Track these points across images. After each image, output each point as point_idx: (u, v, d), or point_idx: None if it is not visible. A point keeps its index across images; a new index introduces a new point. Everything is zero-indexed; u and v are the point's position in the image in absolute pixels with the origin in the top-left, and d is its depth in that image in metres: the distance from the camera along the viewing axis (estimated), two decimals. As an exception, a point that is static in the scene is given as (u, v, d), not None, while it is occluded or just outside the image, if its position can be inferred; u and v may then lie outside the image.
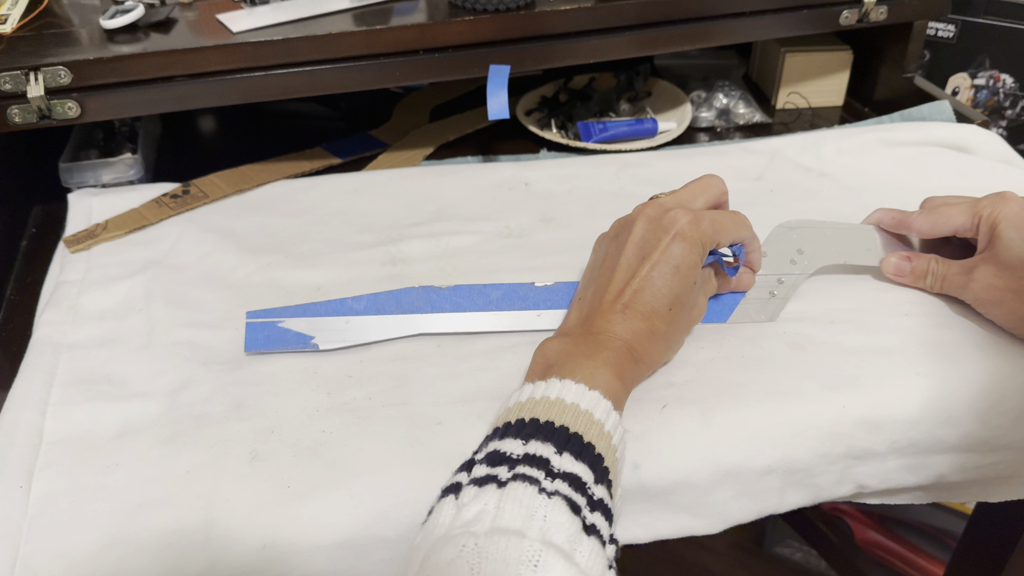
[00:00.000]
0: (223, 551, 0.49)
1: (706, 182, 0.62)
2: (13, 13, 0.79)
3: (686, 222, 0.57)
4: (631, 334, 0.55)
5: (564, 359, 0.53)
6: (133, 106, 0.76)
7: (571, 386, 0.50)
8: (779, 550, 1.53)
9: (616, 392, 0.52)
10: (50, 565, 0.49)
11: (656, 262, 0.56)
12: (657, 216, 0.58)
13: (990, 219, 0.62)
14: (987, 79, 1.16)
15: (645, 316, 0.55)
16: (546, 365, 0.54)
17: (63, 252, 0.74)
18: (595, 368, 0.52)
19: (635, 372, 0.55)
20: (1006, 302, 0.60)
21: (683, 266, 0.56)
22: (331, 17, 0.79)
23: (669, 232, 0.57)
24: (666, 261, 0.56)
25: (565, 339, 0.55)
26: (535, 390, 0.51)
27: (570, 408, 0.49)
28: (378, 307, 0.63)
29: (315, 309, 0.64)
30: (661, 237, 0.57)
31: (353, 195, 0.82)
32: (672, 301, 0.56)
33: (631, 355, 0.54)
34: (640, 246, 0.57)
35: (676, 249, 0.56)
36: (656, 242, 0.57)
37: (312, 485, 0.52)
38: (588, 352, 0.53)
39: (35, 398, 0.59)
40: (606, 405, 0.50)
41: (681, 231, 0.56)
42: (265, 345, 0.63)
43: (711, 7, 0.85)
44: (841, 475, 0.58)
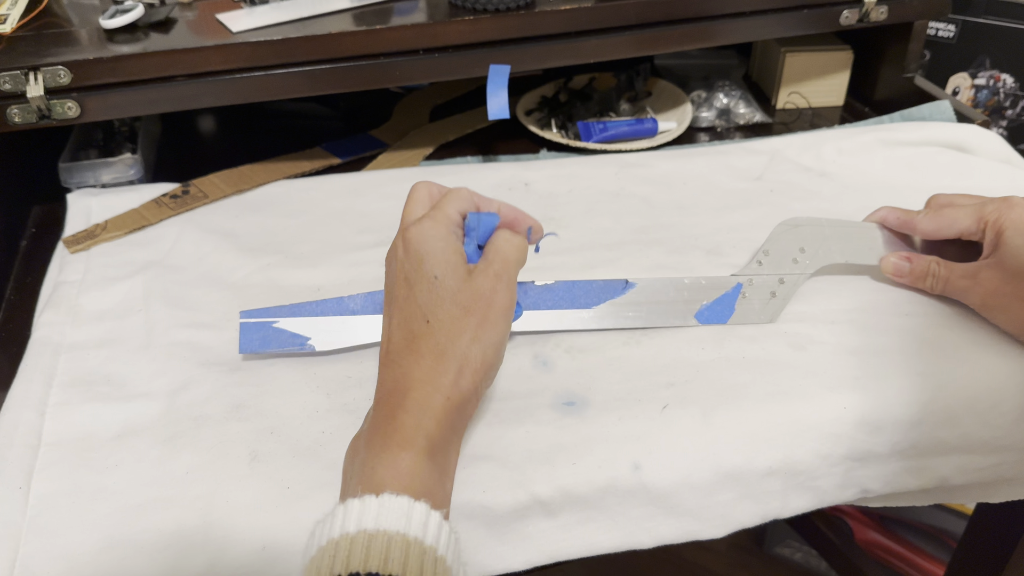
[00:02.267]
0: (222, 552, 0.49)
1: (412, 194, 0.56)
2: (13, 13, 0.79)
3: (400, 240, 0.53)
4: (402, 378, 0.49)
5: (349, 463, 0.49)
6: (133, 106, 0.76)
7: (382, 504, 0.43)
8: (779, 550, 1.53)
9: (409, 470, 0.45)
10: (49, 566, 0.49)
11: (392, 287, 0.52)
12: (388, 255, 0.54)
13: (996, 225, 0.61)
14: (987, 79, 1.16)
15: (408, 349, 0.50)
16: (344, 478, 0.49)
17: (62, 252, 0.74)
18: (375, 460, 0.46)
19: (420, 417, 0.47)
20: (1011, 308, 0.60)
21: (412, 270, 0.51)
22: (331, 17, 0.79)
23: (396, 259, 0.53)
24: (400, 280, 0.52)
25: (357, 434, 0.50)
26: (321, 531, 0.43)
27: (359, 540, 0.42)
28: (374, 306, 0.63)
29: (310, 309, 0.63)
30: (393, 266, 0.53)
31: (353, 195, 0.82)
32: (425, 312, 0.50)
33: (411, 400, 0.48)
34: (387, 290, 0.54)
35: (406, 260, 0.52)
36: (392, 274, 0.53)
37: (312, 486, 0.52)
38: (368, 438, 0.47)
39: (34, 399, 0.59)
40: (421, 511, 0.43)
41: (401, 248, 0.52)
42: (260, 347, 0.62)
43: (711, 7, 0.85)
44: (844, 477, 0.58)
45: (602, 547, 0.55)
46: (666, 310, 0.64)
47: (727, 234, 0.75)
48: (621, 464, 0.54)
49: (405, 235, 0.52)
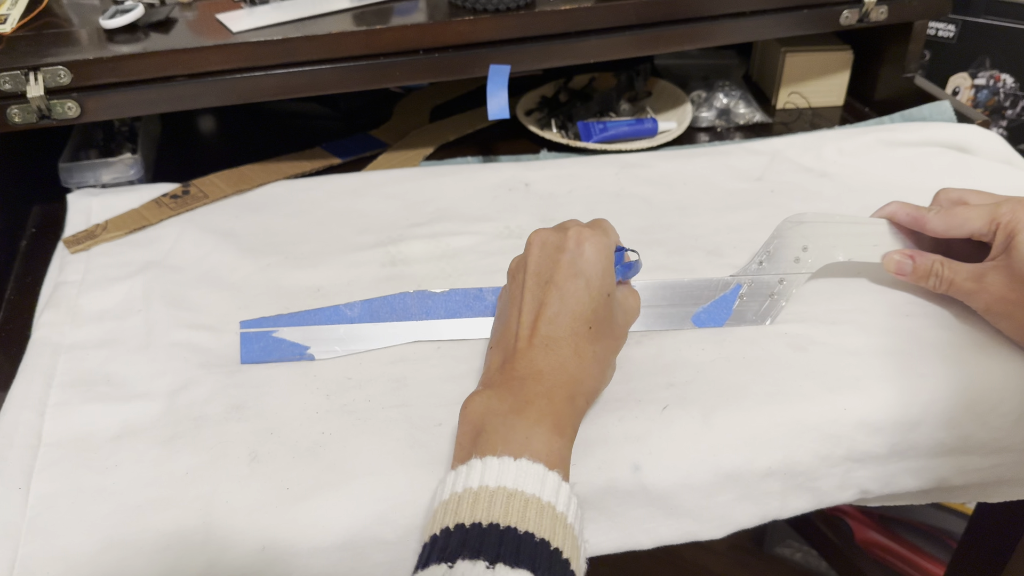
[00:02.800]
0: (222, 552, 0.49)
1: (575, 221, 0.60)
2: (13, 13, 0.79)
3: (585, 234, 0.55)
4: (559, 368, 0.51)
5: (492, 421, 0.48)
6: (133, 106, 0.76)
7: (496, 464, 0.45)
8: (779, 550, 1.53)
9: (559, 452, 0.47)
10: (49, 566, 0.49)
11: (562, 281, 0.53)
12: (550, 238, 0.56)
13: (1008, 227, 0.59)
14: (987, 79, 1.16)
15: (568, 341, 0.52)
16: (473, 432, 0.48)
17: (63, 252, 0.74)
18: (529, 429, 0.47)
19: (574, 413, 0.50)
20: (1016, 316, 0.59)
21: (593, 277, 0.53)
22: (331, 17, 0.79)
23: (567, 249, 0.54)
24: (573, 276, 0.53)
25: (488, 393, 0.50)
26: (461, 477, 0.45)
27: (498, 495, 0.44)
28: (372, 313, 0.63)
29: (309, 317, 0.64)
30: (560, 257, 0.54)
31: (353, 195, 0.82)
32: (591, 318, 0.53)
33: (565, 394, 0.50)
34: (539, 272, 0.54)
35: (581, 262, 0.54)
36: (555, 263, 0.54)
37: (311, 487, 0.52)
38: (517, 407, 0.48)
39: (34, 399, 0.59)
40: (552, 479, 0.45)
41: (580, 243, 0.54)
42: (260, 357, 0.62)
43: (711, 7, 0.85)
44: (843, 478, 0.58)
45: (602, 548, 0.55)
46: (662, 314, 0.64)
47: (727, 235, 0.75)
48: (621, 465, 0.54)
49: (589, 238, 0.55)
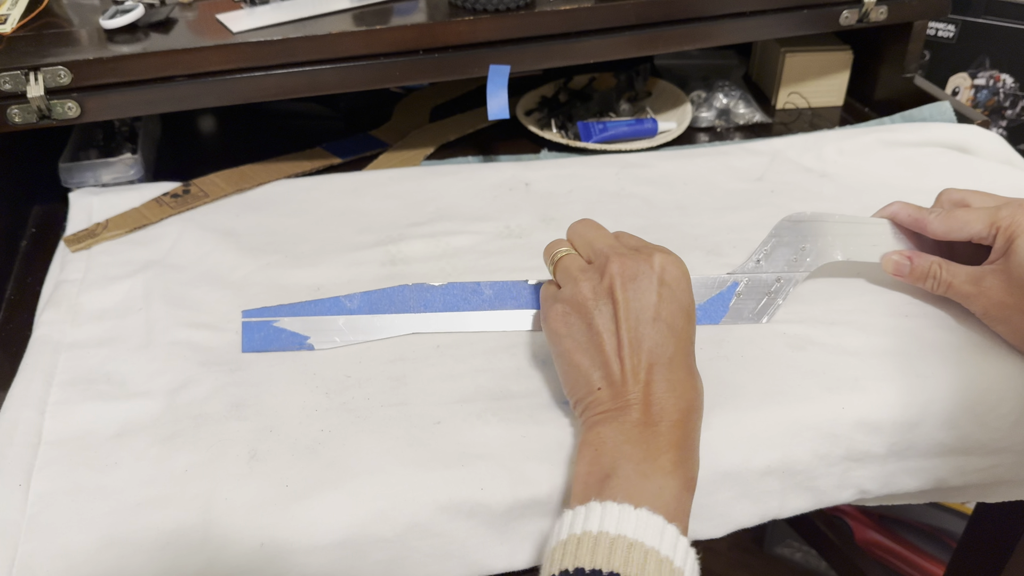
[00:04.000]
0: (221, 550, 0.49)
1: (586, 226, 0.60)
2: (13, 13, 0.79)
3: (669, 261, 0.54)
4: (687, 408, 0.50)
5: (625, 467, 0.47)
6: (133, 106, 0.76)
7: (627, 513, 0.44)
8: (779, 550, 1.53)
9: (684, 506, 0.47)
10: (49, 564, 0.49)
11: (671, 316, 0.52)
12: (637, 269, 0.54)
13: (1008, 231, 0.59)
14: (987, 79, 1.16)
15: (687, 379, 0.52)
16: (602, 474, 0.47)
17: (63, 251, 0.74)
18: (663, 479, 0.46)
19: (696, 459, 0.50)
20: (1014, 320, 0.59)
21: (690, 306, 0.54)
22: (331, 17, 0.79)
23: (657, 280, 0.53)
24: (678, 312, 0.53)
25: (619, 434, 0.49)
26: (579, 519, 0.45)
27: (625, 545, 0.43)
28: (371, 305, 0.64)
29: (309, 308, 0.64)
30: (654, 288, 0.53)
31: (353, 195, 0.82)
32: (692, 346, 0.53)
33: (695, 436, 0.50)
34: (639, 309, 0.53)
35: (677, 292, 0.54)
36: (656, 296, 0.53)
37: (311, 485, 0.52)
38: (650, 455, 0.47)
39: (34, 397, 0.59)
40: (671, 532, 0.45)
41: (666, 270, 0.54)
42: (261, 346, 0.63)
43: (711, 7, 0.85)
44: (841, 478, 0.58)
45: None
46: None
47: (727, 234, 0.75)
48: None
49: (672, 263, 0.54)
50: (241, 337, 0.64)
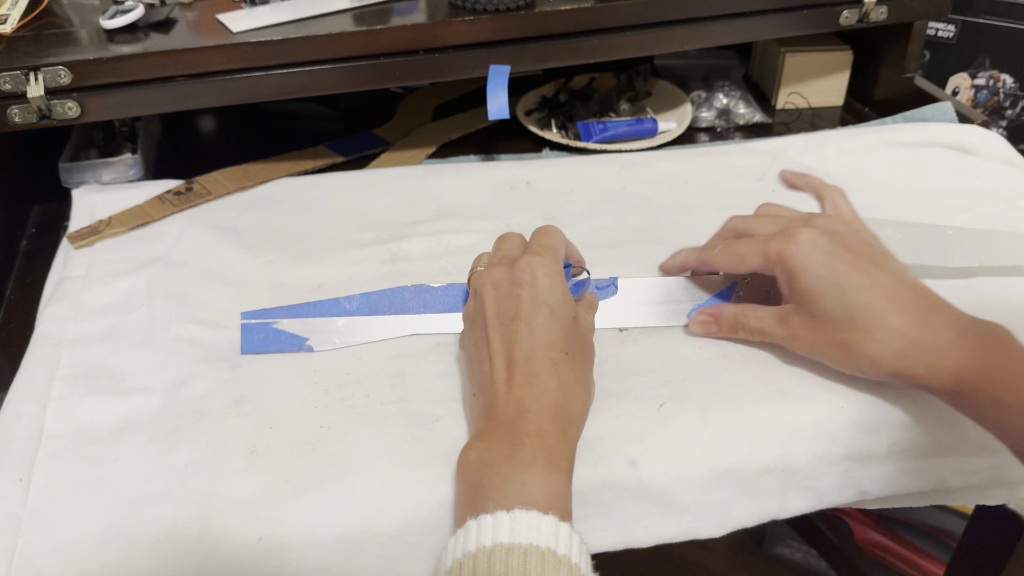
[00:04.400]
0: (219, 544, 0.50)
1: (507, 236, 0.61)
2: (13, 13, 0.79)
3: (538, 264, 0.55)
4: (546, 401, 0.50)
5: (487, 473, 0.47)
6: (133, 106, 0.76)
7: (500, 520, 0.44)
8: (779, 550, 1.53)
9: (556, 491, 0.47)
10: (49, 557, 0.49)
11: (528, 315, 0.53)
12: (502, 276, 0.55)
13: (784, 267, 0.56)
14: (987, 79, 1.16)
15: (549, 373, 0.51)
16: (471, 490, 0.48)
17: (66, 248, 0.74)
18: (523, 474, 0.46)
19: (567, 446, 0.50)
20: (834, 356, 0.56)
21: (555, 304, 0.54)
22: (331, 17, 0.80)
23: (523, 283, 0.54)
24: (536, 308, 0.53)
25: (480, 444, 0.49)
26: (460, 542, 0.45)
27: (503, 552, 0.43)
28: (370, 307, 0.64)
29: (308, 310, 0.64)
30: (518, 292, 0.54)
31: (355, 193, 0.82)
32: (565, 344, 0.53)
33: (556, 427, 0.49)
34: (500, 313, 0.54)
35: (540, 292, 0.54)
36: (516, 299, 0.54)
37: (309, 480, 0.52)
38: (509, 453, 0.47)
39: (36, 392, 0.59)
40: (548, 522, 0.44)
41: (535, 274, 0.54)
42: (260, 347, 0.63)
43: (711, 7, 0.85)
44: (841, 478, 0.58)
45: (600, 545, 0.55)
46: (659, 311, 0.65)
47: (727, 233, 0.75)
48: (617, 461, 0.54)
49: (540, 266, 0.55)
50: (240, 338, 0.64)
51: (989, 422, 0.51)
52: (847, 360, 0.55)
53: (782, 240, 0.57)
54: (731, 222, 0.63)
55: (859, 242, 0.57)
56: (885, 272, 0.55)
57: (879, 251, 0.58)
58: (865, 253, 0.56)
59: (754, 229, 0.61)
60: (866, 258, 0.55)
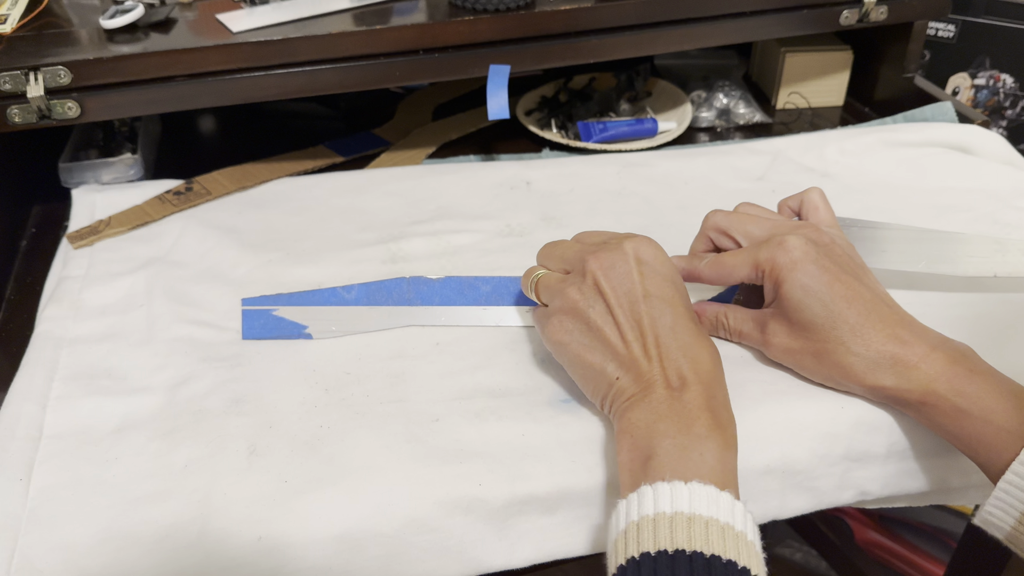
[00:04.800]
0: (219, 543, 0.50)
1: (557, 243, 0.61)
2: (13, 13, 0.79)
3: (639, 243, 0.55)
4: (704, 371, 0.51)
5: (663, 444, 0.47)
6: (133, 106, 0.76)
7: (679, 490, 0.44)
8: (779, 550, 1.53)
9: (730, 467, 0.48)
10: (48, 557, 0.49)
11: (655, 290, 0.54)
12: (609, 259, 0.55)
13: (772, 275, 0.57)
14: (987, 79, 1.16)
15: (696, 343, 0.52)
16: (643, 458, 0.48)
17: (66, 248, 0.74)
18: (702, 445, 0.47)
19: (731, 413, 0.51)
20: (807, 365, 0.57)
21: (676, 278, 0.55)
22: (331, 17, 0.80)
23: (631, 261, 0.54)
24: (663, 283, 0.54)
25: (647, 414, 0.49)
26: (634, 506, 0.45)
27: (684, 521, 0.43)
28: (369, 297, 0.64)
29: (308, 298, 0.65)
30: (631, 271, 0.54)
31: (355, 193, 0.82)
32: (689, 311, 0.54)
33: (720, 396, 0.51)
34: (625, 292, 0.54)
35: (658, 267, 0.55)
36: (635, 277, 0.54)
37: (309, 480, 0.52)
38: (683, 426, 0.48)
39: (36, 392, 0.59)
40: (726, 499, 0.45)
41: (639, 252, 0.55)
42: (260, 333, 0.64)
43: (711, 7, 0.85)
44: (842, 478, 0.58)
45: (601, 545, 0.55)
46: None
47: (727, 233, 0.75)
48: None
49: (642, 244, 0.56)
50: (241, 326, 0.64)
51: (952, 433, 0.52)
52: (820, 369, 0.57)
53: (771, 248, 0.57)
54: (712, 219, 0.64)
55: (842, 254, 0.58)
56: (864, 286, 0.56)
57: (858, 263, 0.59)
58: (848, 266, 0.57)
59: (737, 230, 0.62)
60: (848, 270, 0.57)
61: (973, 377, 0.51)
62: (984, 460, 0.51)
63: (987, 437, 0.50)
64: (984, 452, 0.50)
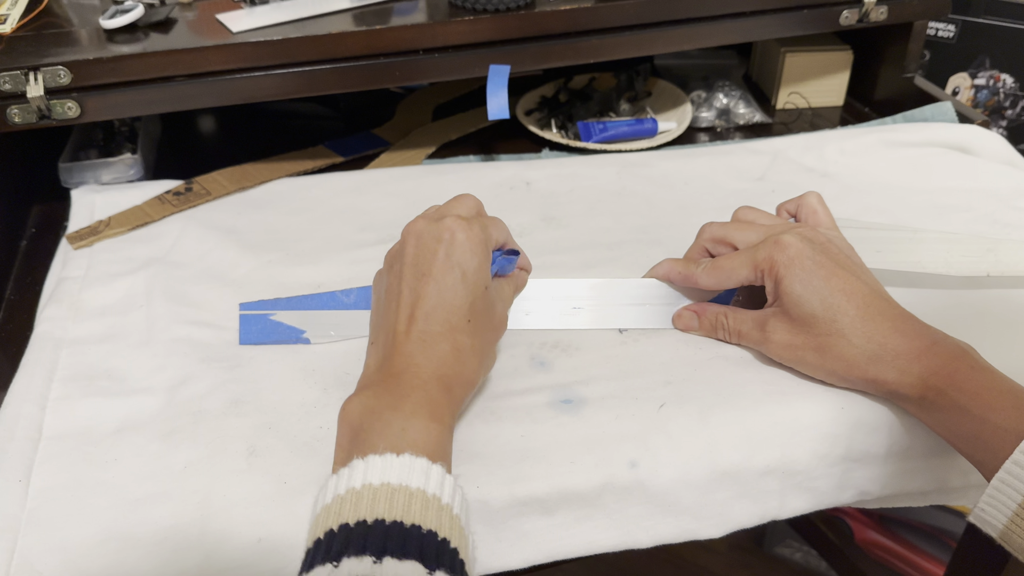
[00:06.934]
0: (219, 545, 0.50)
1: (463, 197, 0.60)
2: (13, 13, 0.79)
3: (459, 226, 0.55)
4: (436, 361, 0.51)
5: (368, 419, 0.47)
6: (133, 106, 0.76)
7: (378, 462, 0.44)
8: (779, 550, 1.53)
9: (438, 441, 0.48)
10: (48, 558, 0.49)
11: (439, 274, 0.53)
12: (426, 229, 0.55)
13: (772, 273, 0.58)
14: (987, 79, 1.16)
15: (445, 336, 0.52)
16: (351, 434, 0.48)
17: (66, 248, 0.74)
18: (404, 421, 0.47)
19: (451, 402, 0.51)
20: (808, 360, 0.57)
21: (469, 271, 0.54)
22: (331, 17, 0.80)
23: (443, 240, 0.54)
24: (449, 270, 0.53)
25: (366, 393, 0.49)
26: (339, 481, 0.44)
27: (382, 491, 0.43)
28: (367, 300, 0.64)
29: (306, 302, 0.65)
30: (436, 248, 0.54)
31: (355, 193, 0.82)
32: (469, 311, 0.53)
33: (442, 385, 0.50)
34: (416, 265, 0.54)
35: (457, 255, 0.54)
36: (432, 255, 0.54)
37: (309, 481, 0.52)
38: (393, 402, 0.48)
39: (35, 393, 0.59)
40: (436, 471, 0.45)
41: (454, 235, 0.54)
42: (258, 338, 0.63)
43: (711, 7, 0.85)
44: (841, 478, 0.58)
45: (600, 546, 0.55)
46: (659, 312, 0.65)
47: (727, 233, 0.75)
48: (618, 462, 0.54)
49: (464, 228, 0.55)
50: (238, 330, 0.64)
51: (950, 430, 0.53)
52: (821, 363, 0.57)
53: (769, 247, 0.58)
54: (708, 230, 0.64)
55: (839, 252, 0.59)
56: (862, 281, 0.57)
57: (855, 261, 0.60)
58: (845, 262, 0.58)
59: (734, 238, 0.62)
60: (845, 267, 0.57)
61: (973, 374, 0.51)
62: (980, 458, 0.51)
63: (984, 435, 0.50)
64: (981, 450, 0.50)
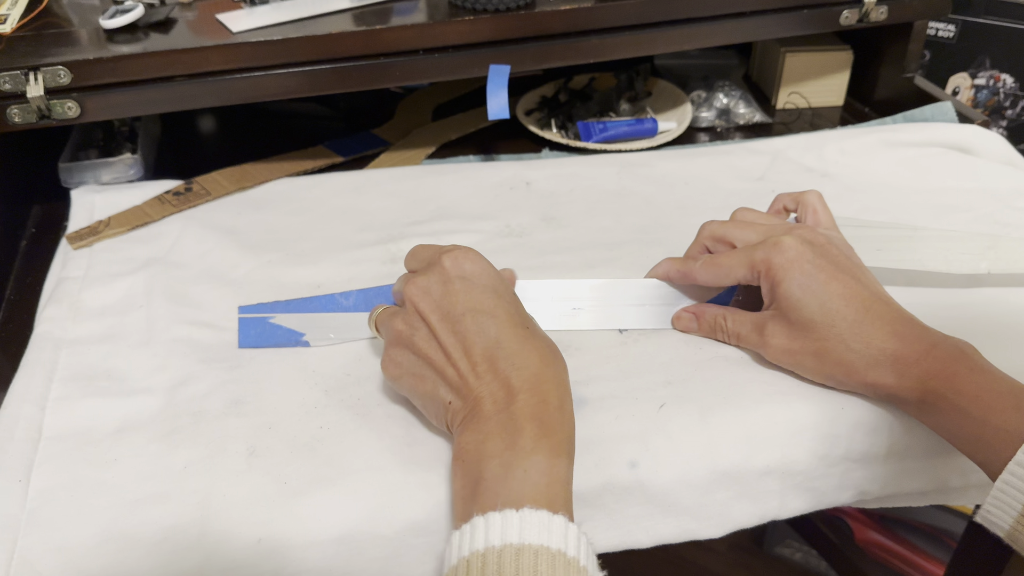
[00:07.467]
0: (219, 545, 0.50)
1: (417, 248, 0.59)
2: (13, 13, 0.79)
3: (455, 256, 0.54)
4: (533, 376, 0.49)
5: (489, 465, 0.46)
6: (133, 106, 0.76)
7: (509, 519, 0.43)
8: (779, 550, 1.53)
9: (561, 479, 0.46)
10: (47, 559, 0.49)
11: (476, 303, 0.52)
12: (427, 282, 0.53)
13: (769, 275, 0.57)
14: (987, 79, 1.16)
15: (523, 351, 0.50)
16: (472, 483, 0.46)
17: (65, 248, 0.74)
18: (526, 461, 0.45)
19: (565, 417, 0.49)
20: (807, 364, 0.57)
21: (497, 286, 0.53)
22: (331, 17, 0.80)
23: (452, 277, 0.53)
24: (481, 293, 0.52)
25: (477, 434, 0.48)
26: (466, 539, 0.43)
27: (513, 553, 0.42)
28: (367, 303, 0.64)
29: (305, 305, 0.64)
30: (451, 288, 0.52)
31: (354, 193, 0.82)
32: (520, 319, 0.53)
33: (554, 398, 0.49)
34: (444, 315, 0.52)
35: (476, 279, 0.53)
36: (454, 294, 0.52)
37: (309, 481, 0.52)
38: (509, 441, 0.46)
39: (35, 393, 0.59)
40: (558, 523, 0.43)
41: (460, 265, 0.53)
42: (257, 342, 0.63)
43: (711, 7, 0.85)
44: (841, 479, 0.58)
45: (600, 546, 0.55)
46: (659, 312, 0.65)
47: (727, 234, 0.75)
48: (618, 462, 0.54)
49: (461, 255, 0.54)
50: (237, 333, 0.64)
51: (951, 432, 0.52)
52: (821, 368, 0.57)
53: (767, 248, 0.58)
54: (708, 228, 0.64)
55: (839, 254, 0.58)
56: (862, 284, 0.56)
57: (856, 263, 0.59)
58: (844, 265, 0.57)
59: (733, 236, 0.62)
60: (845, 269, 0.57)
61: (973, 376, 0.51)
62: (983, 459, 0.51)
63: (986, 437, 0.50)
64: (983, 451, 0.50)
